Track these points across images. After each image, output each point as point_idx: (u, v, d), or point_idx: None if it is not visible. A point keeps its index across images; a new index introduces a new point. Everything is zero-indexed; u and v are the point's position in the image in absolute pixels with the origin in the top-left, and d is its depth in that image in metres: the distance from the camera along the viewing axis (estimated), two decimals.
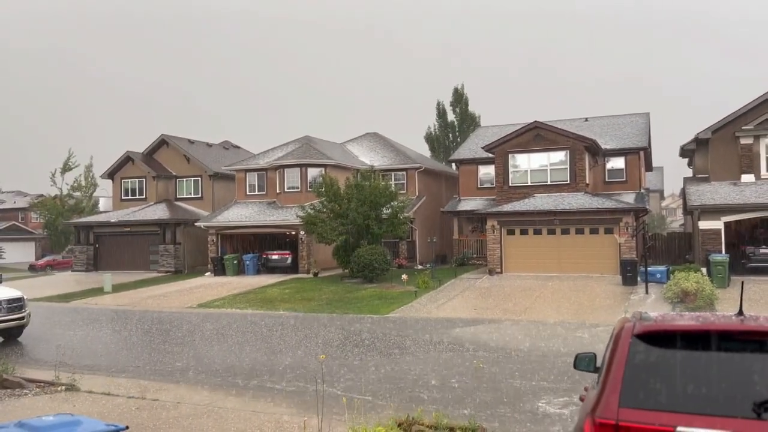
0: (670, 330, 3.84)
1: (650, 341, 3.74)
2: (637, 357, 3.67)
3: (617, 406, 3.49)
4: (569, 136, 29.23)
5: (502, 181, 30.38)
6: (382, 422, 7.75)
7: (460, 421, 8.36)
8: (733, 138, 26.35)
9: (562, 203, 27.50)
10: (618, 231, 25.98)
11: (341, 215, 28.18)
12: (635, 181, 31.42)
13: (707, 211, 24.91)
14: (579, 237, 27.30)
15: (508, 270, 27.97)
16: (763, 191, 24.92)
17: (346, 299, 23.46)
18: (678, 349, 3.68)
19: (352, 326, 18.23)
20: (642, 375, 3.59)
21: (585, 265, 26.59)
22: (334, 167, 33.95)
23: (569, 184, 28.95)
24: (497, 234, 28.30)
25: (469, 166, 34.99)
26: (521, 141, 30.02)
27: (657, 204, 61.22)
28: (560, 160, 29.36)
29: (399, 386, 11.04)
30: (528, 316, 19.20)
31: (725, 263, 22.64)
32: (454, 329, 17.31)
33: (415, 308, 21.32)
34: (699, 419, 3.29)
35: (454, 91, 56.49)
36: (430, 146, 56.57)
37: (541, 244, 27.87)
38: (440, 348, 14.74)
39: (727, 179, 26.46)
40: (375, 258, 26.92)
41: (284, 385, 11.28)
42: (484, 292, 23.78)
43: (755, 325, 3.75)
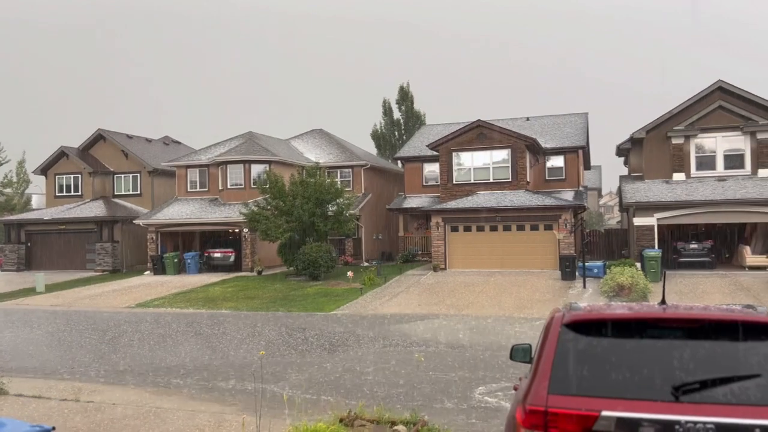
0: (597, 319, 3.98)
1: (578, 330, 3.87)
2: (566, 345, 3.80)
3: (546, 393, 3.59)
4: (511, 135, 29.84)
5: (447, 179, 30.75)
6: (324, 418, 7.74)
7: (402, 414, 8.44)
8: (666, 138, 27.48)
9: (504, 201, 28.06)
10: (557, 227, 26.71)
11: (286, 212, 27.92)
12: (574, 179, 32.35)
13: (641, 208, 25.91)
14: (520, 233, 27.94)
15: (453, 266, 28.35)
16: (693, 189, 26.10)
17: (291, 297, 23.29)
18: (604, 336, 3.82)
19: (296, 324, 18.11)
20: (570, 362, 3.71)
21: (526, 261, 27.24)
22: (278, 164, 33.60)
23: (511, 182, 29.57)
24: (441, 231, 28.64)
25: (414, 163, 35.26)
26: (465, 139, 30.46)
27: (595, 202, 63.27)
28: (502, 158, 29.94)
29: (342, 382, 11.05)
30: (471, 311, 19.53)
31: (658, 258, 23.61)
32: (398, 325, 17.44)
33: (360, 305, 21.36)
34: (622, 403, 3.42)
35: (399, 89, 56.76)
36: (376, 144, 56.67)
37: (484, 241, 28.37)
38: (384, 344, 14.82)
39: (660, 178, 27.57)
40: (321, 255, 26.82)
41: (225, 384, 11.11)
42: (429, 288, 24.03)
43: (675, 313, 3.94)
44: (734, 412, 3.29)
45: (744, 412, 3.28)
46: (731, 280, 22.55)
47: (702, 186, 26.20)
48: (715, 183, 26.29)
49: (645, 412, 3.36)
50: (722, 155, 27.01)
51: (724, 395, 3.38)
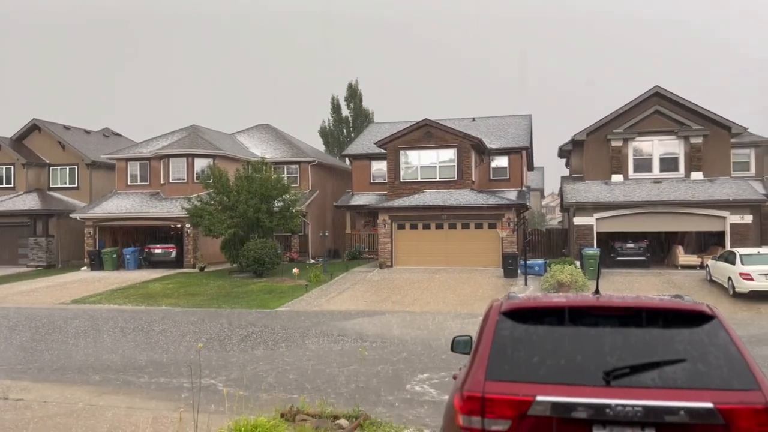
0: (533, 307, 4.09)
1: (515, 318, 3.96)
2: (503, 333, 3.88)
3: (484, 379, 3.65)
4: (457, 134, 30.21)
5: (394, 177, 30.89)
6: (266, 414, 7.64)
7: (345, 408, 8.43)
8: (605, 141, 28.39)
9: (449, 199, 28.40)
10: (501, 226, 27.21)
11: (230, 208, 27.44)
12: (517, 179, 33.03)
13: (581, 208, 26.70)
14: (465, 231, 28.34)
15: (399, 263, 28.51)
16: (630, 190, 27.06)
17: (234, 294, 22.92)
18: (539, 324, 3.93)
19: (239, 321, 17.83)
20: (507, 350, 3.79)
21: (470, 259, 27.64)
22: (223, 158, 33.00)
23: (457, 181, 29.94)
24: (388, 228, 28.76)
25: (362, 161, 35.25)
26: (412, 138, 30.66)
27: (538, 202, 64.78)
28: (449, 157, 30.28)
29: (286, 378, 10.94)
30: (416, 307, 19.68)
31: (596, 257, 24.34)
32: (344, 321, 17.40)
33: (305, 302, 21.21)
34: (556, 388, 3.52)
35: (348, 86, 56.69)
36: (324, 140, 56.45)
37: (430, 239, 28.64)
38: (329, 340, 14.76)
39: (599, 179, 28.46)
40: (266, 252, 26.48)
41: (163, 381, 10.83)
42: (375, 285, 24.08)
43: (607, 302, 4.08)
44: (661, 395, 3.42)
45: (670, 395, 3.42)
46: (665, 279, 23.49)
47: (639, 187, 27.19)
48: (651, 185, 27.33)
49: (577, 397, 3.45)
50: (658, 158, 28.11)
51: (652, 379, 3.51)
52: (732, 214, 25.33)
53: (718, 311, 3.92)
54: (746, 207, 25.47)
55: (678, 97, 27.65)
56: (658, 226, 26.31)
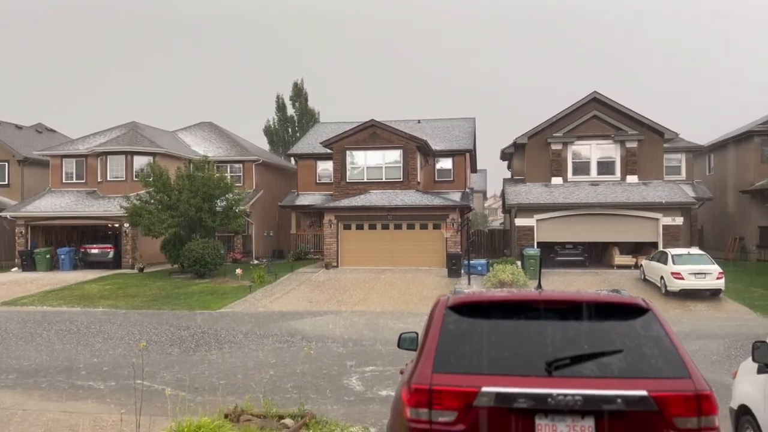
0: (478, 301, 4.19)
1: (461, 312, 4.05)
2: (450, 327, 3.97)
3: (431, 372, 3.73)
4: (403, 136, 30.43)
5: (340, 177, 30.84)
6: (209, 415, 7.50)
7: (290, 407, 8.37)
8: (546, 144, 29.17)
9: (395, 200, 28.58)
10: (445, 227, 27.57)
11: (171, 207, 26.77)
12: (461, 180, 33.54)
13: (522, 209, 27.35)
14: (410, 232, 28.58)
15: (345, 264, 28.49)
16: (569, 192, 27.90)
17: (175, 295, 22.37)
18: (484, 318, 4.03)
19: (179, 322, 17.42)
20: (453, 343, 3.88)
21: (416, 259, 27.90)
22: (164, 156, 32.16)
23: (402, 181, 30.15)
24: (334, 229, 28.70)
25: (307, 161, 35.04)
26: (359, 138, 30.69)
27: (481, 203, 65.93)
28: (395, 158, 30.46)
29: (229, 379, 10.77)
30: (361, 306, 19.71)
31: (537, 257, 24.98)
32: (288, 322, 17.26)
33: (249, 302, 20.93)
34: (501, 379, 3.63)
35: (293, 85, 56.23)
36: (269, 140, 55.77)
37: (375, 239, 28.74)
38: (273, 340, 14.61)
39: (540, 181, 29.21)
40: (208, 252, 25.96)
41: (102, 384, 10.47)
42: (320, 286, 23.98)
43: (548, 296, 4.23)
44: (599, 384, 3.57)
45: (607, 384, 3.57)
46: (602, 278, 24.32)
47: (577, 190, 28.06)
48: (589, 187, 28.25)
49: (520, 387, 3.57)
50: (596, 162, 29.08)
51: (591, 370, 3.66)
52: (664, 216, 26.46)
53: (653, 304, 4.12)
54: (677, 209, 26.66)
55: (615, 102, 28.70)
56: (595, 227, 27.16)
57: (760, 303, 19.57)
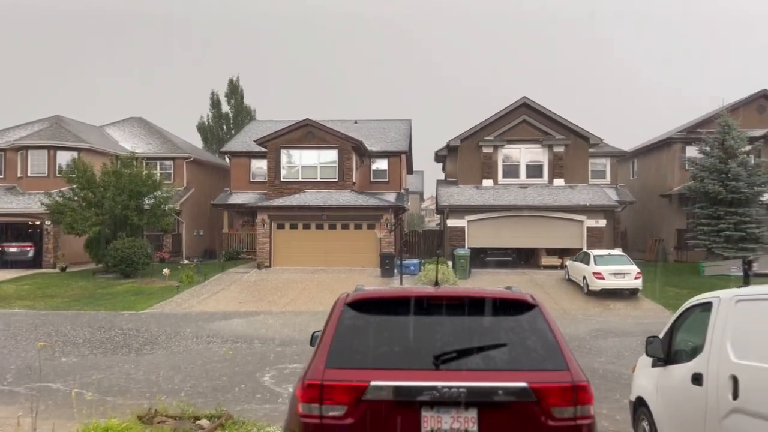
0: (374, 298, 4.29)
1: (359, 309, 4.14)
2: (346, 323, 4.05)
3: (324, 368, 3.80)
4: (339, 136, 30.41)
5: (274, 176, 30.53)
6: (121, 417, 7.30)
7: (207, 408, 8.24)
8: (478, 147, 29.78)
9: (330, 200, 28.53)
10: (379, 227, 27.73)
11: (96, 204, 25.82)
12: (397, 181, 33.81)
13: (454, 210, 27.83)
14: (345, 232, 28.59)
15: (278, 264, 28.22)
16: (499, 195, 28.58)
17: (98, 295, 21.60)
18: (380, 314, 4.14)
19: (100, 323, 16.83)
20: (349, 339, 3.96)
21: (349, 259, 27.93)
22: (89, 152, 30.97)
23: (338, 181, 30.13)
24: (267, 228, 28.39)
25: (241, 159, 34.47)
26: (294, 137, 30.46)
27: (417, 205, 66.71)
28: (330, 158, 30.40)
29: (148, 381, 10.49)
30: (292, 307, 19.59)
31: (467, 257, 25.48)
32: (214, 323, 16.96)
33: (176, 303, 20.44)
34: (390, 373, 3.73)
35: (229, 82, 55.25)
36: (202, 137, 54.54)
37: (309, 239, 28.60)
38: (197, 341, 14.33)
39: (471, 183, 29.80)
40: (134, 251, 25.16)
41: (6, 387, 9.99)
42: (251, 286, 23.67)
43: (440, 292, 4.36)
44: (483, 376, 3.72)
45: (491, 377, 3.72)
46: (528, 277, 25.04)
47: (507, 192, 28.79)
48: (518, 190, 29.02)
49: (408, 380, 3.68)
50: (525, 165, 29.91)
51: (476, 363, 3.81)
52: (588, 218, 27.49)
53: (540, 300, 4.28)
54: (601, 212, 27.75)
55: (543, 108, 29.60)
56: (523, 228, 27.91)
57: (674, 302, 20.58)
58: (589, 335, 15.59)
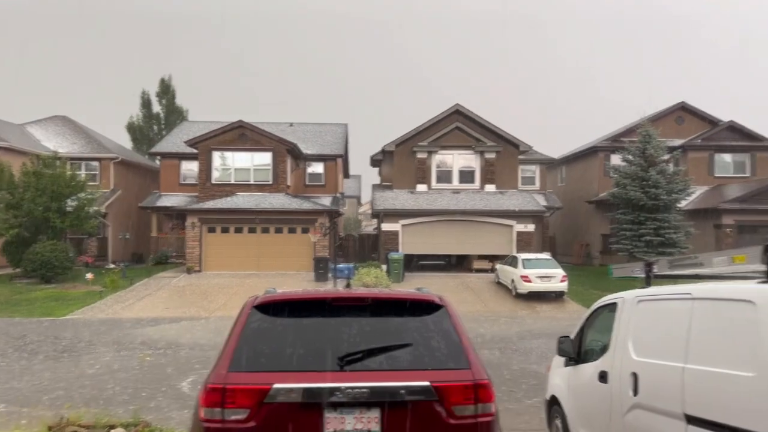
0: (282, 300, 4.26)
1: (266, 311, 4.11)
2: (253, 326, 4.02)
3: (226, 371, 3.76)
4: (273, 138, 30.10)
5: (206, 178, 29.89)
6: (29, 428, 6.97)
7: (124, 417, 7.97)
8: (412, 152, 30.11)
9: (263, 203, 28.17)
10: (313, 231, 27.58)
11: (14, 206, 24.56)
12: (333, 185, 33.75)
13: (389, 214, 28.01)
14: (278, 236, 28.29)
15: (208, 268, 27.62)
16: (433, 199, 28.98)
17: (15, 301, 20.54)
18: (287, 317, 4.13)
19: (16, 330, 16.02)
20: (254, 342, 3.94)
21: (283, 263, 27.64)
22: (7, 150, 29.38)
23: (272, 184, 29.79)
24: (198, 231, 27.74)
25: (171, 160, 33.56)
26: (226, 139, 29.92)
27: (355, 209, 66.75)
28: (264, 161, 30.03)
29: (64, 390, 10.05)
30: (221, 312, 19.19)
31: (400, 261, 25.68)
32: (139, 329, 16.44)
33: (99, 309, 19.69)
34: (293, 376, 3.73)
35: (160, 81, 53.72)
36: (132, 137, 52.76)
37: (242, 243, 28.14)
38: (118, 348, 13.85)
39: (406, 188, 30.09)
40: (55, 255, 24.07)
41: None
42: (179, 291, 23.07)
43: (349, 293, 4.39)
44: (386, 377, 3.76)
45: (394, 377, 3.77)
46: (460, 281, 25.47)
47: (440, 197, 29.22)
48: (451, 195, 29.51)
49: (312, 382, 3.69)
50: (458, 171, 30.46)
51: (380, 363, 3.85)
52: (518, 223, 28.23)
53: (447, 301, 4.36)
54: (530, 217, 28.55)
55: (475, 115, 30.24)
56: (456, 232, 28.38)
57: None
58: (516, 336, 16.00)
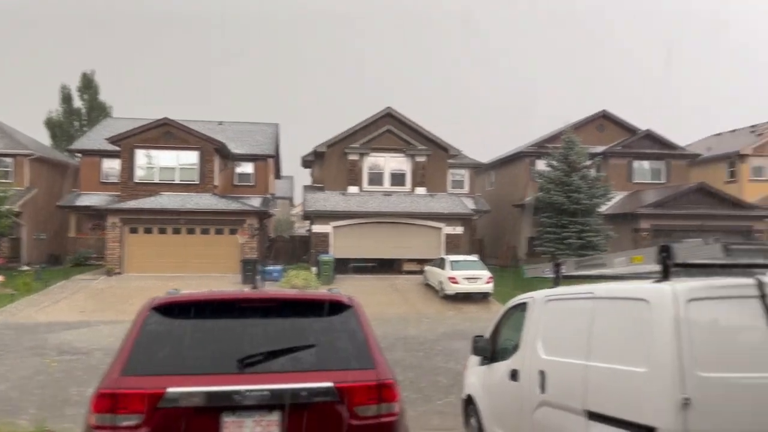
0: (183, 301, 4.13)
1: (165, 313, 3.97)
2: (149, 328, 3.87)
3: (119, 375, 3.61)
4: (200, 136, 29.35)
5: (128, 177, 28.82)
6: None
7: (27, 428, 7.55)
8: (344, 154, 30.05)
9: (189, 203, 27.41)
10: (241, 232, 27.08)
11: None
12: (263, 186, 33.23)
13: (320, 216, 27.85)
14: (205, 237, 27.61)
15: (131, 270, 26.63)
16: (364, 201, 29.01)
17: None
18: (187, 318, 3.99)
19: None
20: (151, 344, 3.79)
21: (210, 265, 26.94)
22: None
23: (198, 184, 29.04)
24: (119, 232, 26.73)
25: (92, 157, 32.14)
26: (151, 136, 28.95)
27: (288, 210, 66.02)
28: (191, 160, 29.24)
29: None
30: None
31: (331, 262, 25.55)
32: (53, 334, 15.65)
33: (9, 313, 18.63)
34: (190, 379, 3.60)
35: (82, 76, 51.43)
36: (51, 133, 50.22)
37: (166, 244, 27.29)
38: (29, 354, 13.13)
39: (337, 189, 29.99)
40: None
41: None
42: (98, 294, 22.13)
43: (253, 294, 4.30)
44: (289, 378, 3.69)
45: (297, 378, 3.70)
46: (389, 282, 25.59)
47: (372, 199, 29.29)
48: (382, 197, 29.63)
49: (209, 386, 3.57)
50: (389, 173, 30.63)
51: (282, 365, 3.77)
52: (447, 225, 28.65)
53: (356, 301, 4.32)
54: (459, 220, 29.04)
55: (406, 118, 30.50)
56: (387, 234, 28.49)
57: None
58: (442, 337, 16.20)
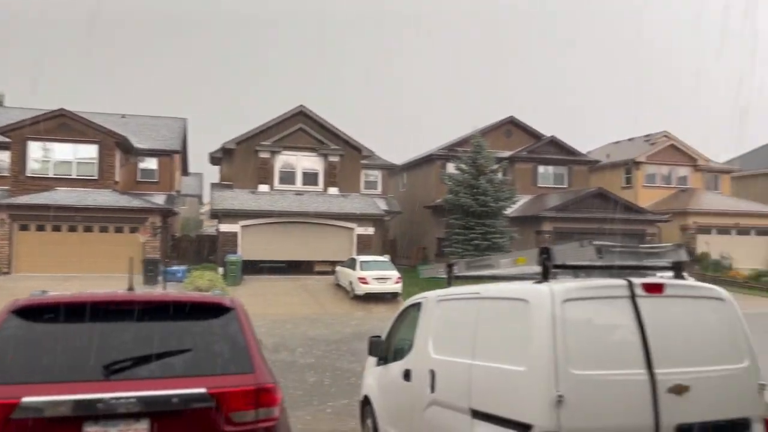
0: (47, 304, 3.82)
1: (26, 317, 3.66)
2: (6, 333, 3.55)
3: None
4: (99, 129, 27.81)
5: (19, 170, 26.90)
6: None
7: None
8: (254, 151, 29.39)
9: (87, 199, 25.94)
10: (143, 230, 25.88)
11: None
12: (168, 182, 31.94)
13: (227, 215, 27.10)
14: (104, 235, 26.28)
15: (21, 270, 25.01)
16: (275, 200, 28.49)
17: None
18: (51, 322, 3.69)
19: None
20: (7, 351, 3.48)
21: (109, 264, 25.51)
22: None
23: (97, 179, 27.53)
24: (8, 229, 25.03)
25: None
26: (46, 128, 27.11)
27: (196, 208, 63.94)
28: (89, 154, 27.66)
29: None
30: None
31: (238, 263, 24.92)
32: None
33: None
34: (50, 387, 3.31)
35: None
36: None
37: (61, 242, 25.77)
38: None
39: (247, 187, 29.29)
40: None
41: None
42: None
43: (124, 296, 4.04)
44: (159, 385, 3.46)
45: (168, 384, 3.48)
46: (300, 283, 25.28)
47: (283, 198, 28.82)
48: (294, 196, 29.22)
49: (69, 394, 3.30)
50: (301, 172, 30.26)
51: (152, 371, 3.54)
52: (359, 226, 28.64)
53: (238, 303, 4.13)
54: (370, 220, 29.10)
55: (319, 117, 30.25)
56: (299, 234, 28.12)
57: None
58: (350, 337, 16.13)
